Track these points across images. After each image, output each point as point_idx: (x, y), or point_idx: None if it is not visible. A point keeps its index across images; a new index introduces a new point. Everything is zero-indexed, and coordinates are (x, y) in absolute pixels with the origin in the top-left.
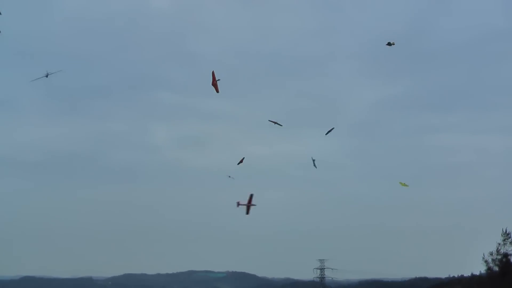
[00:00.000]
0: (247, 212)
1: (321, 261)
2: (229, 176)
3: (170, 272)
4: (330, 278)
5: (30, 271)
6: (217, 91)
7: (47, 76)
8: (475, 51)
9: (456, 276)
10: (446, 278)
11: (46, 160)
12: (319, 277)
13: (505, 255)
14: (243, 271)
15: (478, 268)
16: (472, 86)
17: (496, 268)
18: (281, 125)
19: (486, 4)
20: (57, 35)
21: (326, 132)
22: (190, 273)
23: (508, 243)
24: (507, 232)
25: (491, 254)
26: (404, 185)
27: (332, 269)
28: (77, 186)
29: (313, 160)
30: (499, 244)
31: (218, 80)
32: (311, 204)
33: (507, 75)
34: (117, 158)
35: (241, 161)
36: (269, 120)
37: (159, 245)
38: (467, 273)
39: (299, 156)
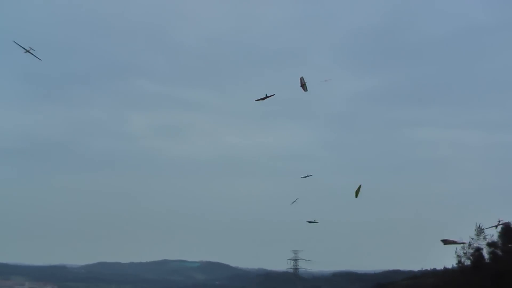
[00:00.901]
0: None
1: (295, 252)
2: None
3: (144, 260)
4: (304, 269)
5: (3, 258)
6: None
7: (26, 51)
8: (454, 46)
9: (429, 269)
10: (419, 271)
11: (22, 147)
12: (293, 268)
13: (478, 249)
14: (217, 261)
15: (451, 262)
16: (451, 80)
17: (467, 262)
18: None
19: None
20: (35, 21)
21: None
22: (164, 262)
23: (481, 238)
24: (481, 227)
25: (463, 248)
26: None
27: (306, 260)
28: (53, 173)
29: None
30: (472, 239)
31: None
32: (286, 195)
33: (486, 70)
34: (94, 146)
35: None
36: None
37: (133, 234)
38: (439, 267)
39: (276, 147)
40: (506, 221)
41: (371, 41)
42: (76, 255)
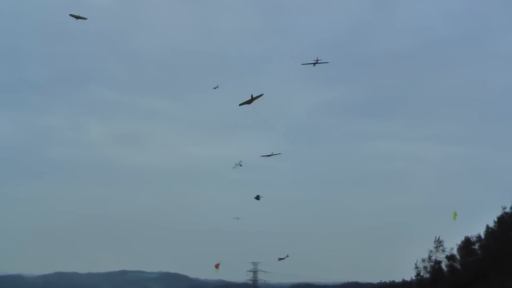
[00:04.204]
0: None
1: (254, 263)
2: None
3: (102, 271)
4: (263, 281)
5: None
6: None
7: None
8: (414, 59)
9: (387, 281)
10: (377, 283)
11: None
12: (252, 280)
13: (437, 262)
14: (175, 272)
15: (410, 274)
16: (410, 94)
17: (426, 275)
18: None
19: (427, 13)
20: None
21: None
22: (123, 272)
23: (440, 250)
24: (439, 240)
25: (423, 261)
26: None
27: (265, 272)
28: (7, 181)
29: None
30: (431, 251)
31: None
32: (245, 207)
33: (445, 84)
34: (50, 153)
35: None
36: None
37: (91, 244)
38: (398, 279)
39: (235, 158)
40: None
41: (332, 53)
42: (33, 265)
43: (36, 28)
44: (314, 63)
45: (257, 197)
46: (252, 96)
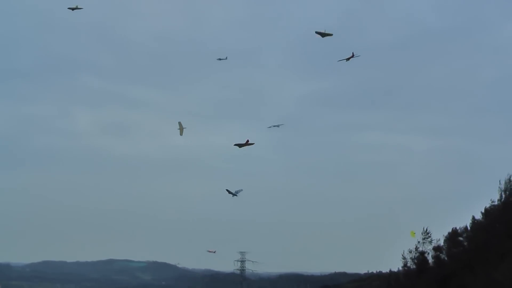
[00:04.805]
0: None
1: (242, 253)
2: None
3: (89, 260)
4: (251, 271)
5: None
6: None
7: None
8: (403, 51)
9: (374, 272)
10: (365, 274)
11: None
12: (240, 269)
13: (422, 253)
14: (163, 261)
15: (397, 265)
16: (399, 85)
17: (413, 266)
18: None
19: (417, 4)
20: None
21: None
22: (110, 261)
23: (427, 242)
24: (427, 231)
25: (410, 252)
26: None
27: (252, 261)
28: None
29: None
30: (419, 242)
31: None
32: (233, 197)
33: (434, 76)
34: (39, 142)
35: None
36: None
37: (79, 233)
38: (385, 270)
39: (224, 148)
40: None
41: (321, 44)
42: (21, 254)
43: (24, 16)
44: (348, 58)
45: (232, 193)
46: (247, 141)
